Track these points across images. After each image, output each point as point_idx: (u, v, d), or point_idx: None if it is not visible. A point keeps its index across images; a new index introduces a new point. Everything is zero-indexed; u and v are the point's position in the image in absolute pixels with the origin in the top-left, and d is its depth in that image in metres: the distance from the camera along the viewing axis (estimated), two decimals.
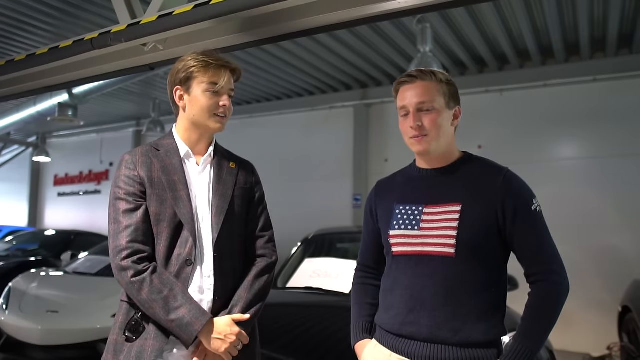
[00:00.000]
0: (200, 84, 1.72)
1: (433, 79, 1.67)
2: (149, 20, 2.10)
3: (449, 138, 1.69)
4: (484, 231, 1.58)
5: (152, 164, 1.71)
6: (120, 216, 1.65)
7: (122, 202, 1.66)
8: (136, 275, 1.59)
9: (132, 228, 1.64)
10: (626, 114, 6.49)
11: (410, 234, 1.63)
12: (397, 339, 1.63)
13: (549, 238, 1.61)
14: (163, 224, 1.66)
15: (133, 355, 1.59)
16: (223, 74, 1.73)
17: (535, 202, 1.62)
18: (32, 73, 2.80)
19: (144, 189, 1.68)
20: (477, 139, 7.08)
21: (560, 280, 1.56)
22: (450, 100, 1.68)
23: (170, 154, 1.74)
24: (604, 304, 6.03)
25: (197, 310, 1.59)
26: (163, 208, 1.66)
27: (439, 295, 1.57)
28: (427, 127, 1.62)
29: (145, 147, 1.77)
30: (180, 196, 1.67)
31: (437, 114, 1.64)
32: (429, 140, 1.63)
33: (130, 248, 1.61)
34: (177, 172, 1.71)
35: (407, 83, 1.69)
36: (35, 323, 4.63)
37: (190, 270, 1.64)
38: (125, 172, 1.69)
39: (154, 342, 1.60)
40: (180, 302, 1.58)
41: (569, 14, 5.55)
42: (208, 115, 1.72)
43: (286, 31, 2.11)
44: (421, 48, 5.36)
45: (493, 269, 1.62)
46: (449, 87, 1.68)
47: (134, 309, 1.65)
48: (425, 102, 1.64)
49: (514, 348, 1.52)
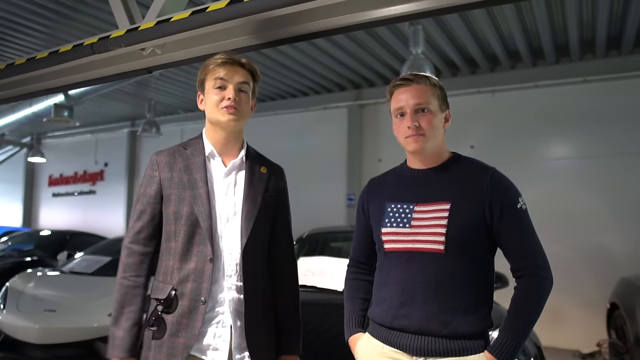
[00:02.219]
0: (210, 83, 1.81)
1: (427, 83, 1.75)
2: (148, 26, 2.16)
3: (441, 139, 1.76)
4: (472, 228, 1.65)
5: (175, 163, 1.78)
6: (133, 215, 1.78)
7: (138, 203, 1.78)
8: (122, 279, 1.72)
9: (137, 229, 1.76)
10: (615, 114, 6.59)
11: (401, 231, 1.70)
12: (390, 332, 1.70)
13: (533, 235, 1.68)
14: (180, 222, 1.72)
15: (164, 351, 1.67)
16: (228, 69, 1.79)
17: (521, 201, 1.69)
18: (31, 76, 2.84)
19: (161, 190, 1.76)
20: (469, 139, 7.16)
21: (544, 275, 1.64)
22: (442, 103, 1.76)
23: (195, 153, 1.81)
24: (594, 301, 6.11)
25: (126, 344, 1.67)
26: (181, 206, 1.72)
27: (430, 289, 1.64)
28: (424, 127, 1.70)
29: (175, 147, 1.85)
30: (199, 194, 1.73)
31: (432, 115, 1.72)
32: (425, 139, 1.71)
33: (128, 249, 1.74)
34: (198, 170, 1.77)
35: (402, 86, 1.76)
36: (33, 322, 4.66)
37: (212, 267, 1.70)
38: (148, 172, 1.80)
39: (184, 339, 1.66)
40: (124, 327, 1.67)
41: (558, 16, 5.64)
42: (217, 109, 1.78)
43: (282, 36, 2.16)
44: (413, 50, 5.43)
45: (481, 264, 1.69)
46: (441, 91, 1.77)
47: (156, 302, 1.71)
48: (422, 103, 1.72)
49: (500, 339, 1.60)
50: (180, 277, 1.70)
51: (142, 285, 1.72)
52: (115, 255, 6.26)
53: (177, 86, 8.61)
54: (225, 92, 1.77)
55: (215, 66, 1.80)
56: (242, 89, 1.81)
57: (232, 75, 1.78)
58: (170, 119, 10.71)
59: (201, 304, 1.67)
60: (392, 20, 2.06)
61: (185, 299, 1.68)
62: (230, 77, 1.78)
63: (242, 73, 1.81)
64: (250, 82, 1.84)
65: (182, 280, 1.70)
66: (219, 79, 1.78)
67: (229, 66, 1.79)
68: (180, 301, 1.68)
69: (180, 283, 1.70)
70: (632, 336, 4.03)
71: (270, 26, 2.10)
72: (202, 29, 2.09)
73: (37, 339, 4.58)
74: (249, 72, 1.84)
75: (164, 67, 2.55)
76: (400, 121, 1.75)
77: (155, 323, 1.67)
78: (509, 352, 1.59)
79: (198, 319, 1.67)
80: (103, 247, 6.85)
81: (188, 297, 1.68)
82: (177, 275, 1.71)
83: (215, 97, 1.78)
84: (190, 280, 1.69)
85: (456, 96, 7.23)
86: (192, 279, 1.69)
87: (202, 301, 1.67)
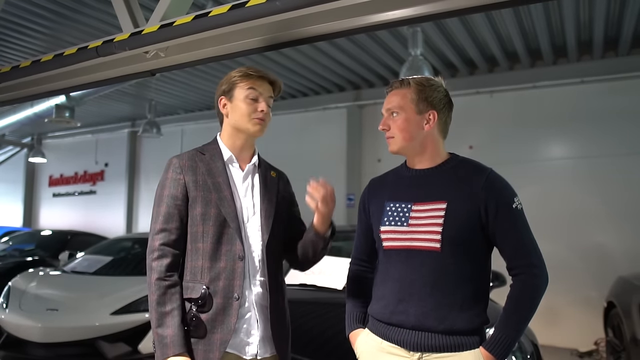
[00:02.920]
0: (241, 92, 1.88)
1: (404, 87, 1.81)
2: (151, 30, 2.20)
3: (424, 140, 1.80)
4: (468, 227, 1.69)
5: (197, 167, 1.84)
6: (160, 217, 1.79)
7: (164, 205, 1.79)
8: (158, 280, 1.72)
9: (167, 232, 1.77)
10: (613, 114, 6.63)
11: (399, 229, 1.75)
12: (388, 327, 1.74)
13: (529, 234, 1.72)
14: (209, 223, 1.78)
15: (201, 348, 1.72)
16: (261, 83, 1.90)
17: (516, 201, 1.73)
18: (36, 79, 2.87)
19: (187, 192, 1.81)
20: (468, 139, 7.20)
21: (539, 273, 1.68)
22: (421, 104, 1.79)
23: (214, 158, 1.88)
24: (591, 300, 6.16)
25: (178, 340, 1.68)
26: (208, 208, 1.78)
27: (426, 286, 1.68)
28: (392, 130, 1.80)
29: (192, 152, 1.90)
30: (224, 196, 1.80)
31: (402, 118, 1.78)
32: (395, 142, 1.80)
33: (161, 251, 1.75)
34: (221, 175, 1.84)
35: (388, 92, 1.86)
36: (35, 321, 4.70)
37: (243, 265, 1.77)
38: (172, 175, 1.82)
39: (220, 335, 1.72)
40: (172, 324, 1.68)
41: (556, 18, 5.69)
42: (248, 119, 1.87)
43: (283, 40, 2.20)
44: (412, 51, 5.47)
45: (476, 262, 1.73)
46: (419, 94, 1.79)
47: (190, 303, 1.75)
48: (391, 108, 1.81)
49: (495, 336, 1.64)
50: (212, 276, 1.75)
51: (178, 284, 1.75)
52: (117, 255, 6.33)
53: (178, 87, 8.64)
54: (258, 104, 1.88)
55: (246, 77, 1.89)
56: (269, 103, 1.93)
57: (264, 89, 1.90)
58: (170, 119, 10.74)
59: (235, 301, 1.74)
60: (391, 24, 2.09)
61: (219, 296, 1.74)
62: (264, 90, 1.90)
63: (270, 88, 1.94)
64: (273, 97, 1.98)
65: (213, 278, 1.75)
66: (254, 91, 1.88)
67: (263, 81, 1.91)
68: (214, 299, 1.74)
69: (211, 281, 1.75)
70: (628, 334, 4.06)
71: (271, 30, 2.14)
72: (205, 32, 2.13)
73: (40, 338, 4.62)
74: (275, 88, 1.97)
75: (167, 70, 2.58)
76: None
77: (192, 322, 1.72)
78: (504, 348, 1.63)
79: (233, 315, 1.73)
80: (104, 247, 6.88)
81: (221, 295, 1.74)
82: (207, 275, 1.76)
83: (247, 107, 1.87)
84: (221, 278, 1.75)
85: (455, 97, 7.17)
86: (223, 277, 1.75)
87: (235, 297, 1.74)
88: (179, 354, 1.66)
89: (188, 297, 1.75)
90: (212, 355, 1.71)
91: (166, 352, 1.66)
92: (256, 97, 1.88)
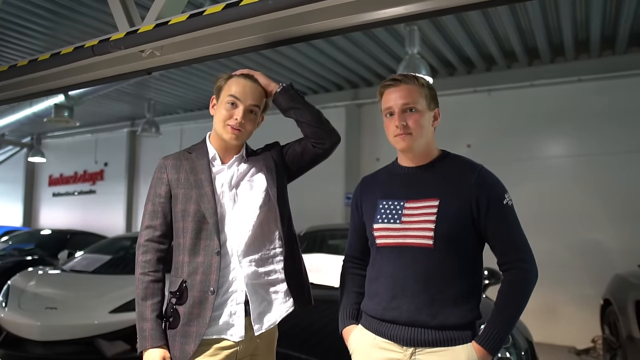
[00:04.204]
0: (224, 95, 1.88)
1: (415, 83, 1.81)
2: (147, 29, 2.21)
3: (429, 137, 1.82)
4: (460, 224, 1.71)
5: (181, 165, 1.89)
6: (146, 215, 1.88)
7: (149, 204, 1.88)
8: (141, 275, 1.81)
9: (151, 228, 1.85)
10: (610, 113, 6.64)
11: (392, 227, 1.76)
12: (381, 323, 1.76)
13: (519, 230, 1.75)
14: (188, 219, 1.83)
15: (178, 340, 1.78)
16: (244, 87, 1.87)
17: (507, 197, 1.75)
18: (33, 77, 2.89)
19: (170, 190, 1.86)
20: (466, 138, 7.22)
21: (529, 268, 1.70)
22: (431, 102, 1.82)
23: (199, 156, 1.91)
24: (589, 297, 6.15)
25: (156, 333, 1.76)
26: (188, 205, 1.83)
27: (419, 283, 1.70)
28: (411, 127, 1.77)
29: (180, 152, 1.96)
30: (205, 192, 1.83)
31: (419, 114, 1.78)
32: (412, 138, 1.78)
33: (145, 246, 1.84)
34: (203, 172, 1.87)
35: (391, 86, 1.83)
36: (34, 319, 4.73)
37: (220, 259, 1.80)
38: (157, 175, 1.90)
39: (196, 327, 1.77)
40: (151, 317, 1.77)
41: (553, 17, 5.70)
42: (222, 124, 1.86)
43: (279, 38, 2.21)
44: (409, 50, 5.49)
45: (468, 258, 1.76)
46: (429, 91, 1.82)
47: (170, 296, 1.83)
48: (409, 103, 1.78)
49: (487, 330, 1.67)
50: (190, 270, 1.81)
51: (160, 280, 1.83)
52: (115, 254, 6.35)
53: (177, 86, 8.65)
54: (235, 111, 1.85)
55: (232, 80, 1.89)
56: (252, 110, 1.89)
57: (245, 97, 1.86)
58: (169, 118, 10.74)
59: (210, 294, 1.77)
60: (387, 22, 2.10)
61: (195, 290, 1.78)
62: (244, 98, 1.86)
63: (257, 95, 1.91)
64: (261, 103, 1.94)
65: (191, 273, 1.81)
66: (232, 96, 1.86)
67: (246, 85, 1.89)
68: (190, 292, 1.79)
69: (189, 276, 1.81)
70: (624, 332, 4.08)
71: (266, 28, 2.15)
72: (200, 31, 2.15)
73: (39, 336, 4.65)
74: (263, 91, 1.94)
75: (163, 69, 2.60)
76: (389, 120, 1.81)
77: (170, 314, 1.79)
78: (496, 342, 1.65)
79: (208, 309, 1.76)
80: (103, 246, 6.90)
81: (197, 288, 1.78)
82: (186, 269, 1.81)
83: (224, 113, 1.86)
84: (199, 272, 1.79)
85: (453, 96, 7.30)
86: (200, 271, 1.79)
87: (211, 291, 1.77)
88: (157, 346, 1.74)
89: (169, 290, 1.83)
90: (188, 347, 1.76)
91: (144, 344, 1.75)
92: (235, 103, 1.86)
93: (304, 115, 1.97)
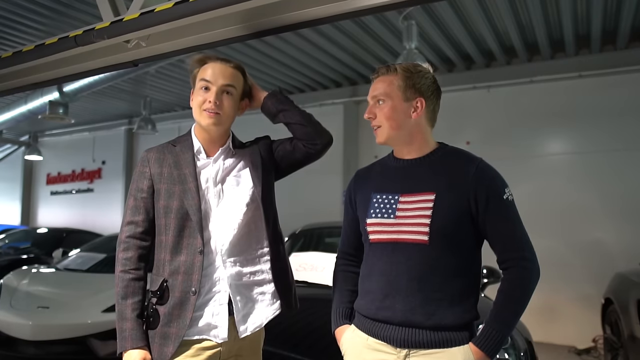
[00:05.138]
0: (197, 82, 1.81)
1: (390, 73, 1.73)
2: (132, 17, 2.15)
3: (412, 129, 1.73)
4: (457, 219, 1.62)
5: (164, 159, 1.80)
6: (128, 210, 1.79)
7: (131, 198, 1.80)
8: (122, 272, 1.72)
9: (133, 224, 1.76)
10: (611, 109, 6.57)
11: (386, 222, 1.68)
12: (374, 323, 1.68)
13: (520, 226, 1.66)
14: (170, 215, 1.74)
15: (157, 341, 1.70)
16: (213, 70, 1.79)
17: (507, 191, 1.66)
18: (19, 70, 2.83)
19: (152, 184, 1.78)
20: (465, 135, 7.16)
21: (531, 266, 1.61)
22: (408, 91, 1.71)
23: (184, 149, 1.83)
24: (589, 297, 6.10)
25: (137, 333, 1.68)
26: (171, 201, 1.75)
27: (413, 281, 1.62)
28: (378, 119, 1.72)
29: (164, 144, 1.87)
30: (189, 188, 1.75)
31: (388, 106, 1.70)
32: (382, 131, 1.73)
33: (126, 243, 1.75)
34: (188, 166, 1.79)
35: (374, 78, 1.78)
36: (26, 319, 4.66)
37: (203, 258, 1.72)
38: (139, 169, 1.81)
39: (176, 329, 1.69)
40: (131, 317, 1.68)
41: (553, 11, 5.63)
42: (199, 111, 1.79)
43: (269, 26, 2.14)
44: (407, 45, 5.41)
45: (466, 255, 1.67)
46: (406, 80, 1.71)
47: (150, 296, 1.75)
48: (377, 95, 1.73)
49: (485, 331, 1.58)
50: (171, 270, 1.73)
51: (142, 278, 1.75)
52: (111, 253, 6.28)
53: (174, 83, 8.60)
54: (208, 94, 1.78)
55: (200, 66, 1.81)
56: (227, 90, 1.80)
57: (217, 78, 1.78)
58: (167, 116, 10.70)
59: (192, 295, 1.70)
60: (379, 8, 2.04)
61: (176, 290, 1.71)
62: (215, 79, 1.78)
63: (228, 74, 1.80)
64: (237, 83, 1.83)
65: (172, 272, 1.73)
66: (203, 80, 1.78)
67: (216, 67, 1.80)
68: (171, 293, 1.71)
69: (170, 275, 1.73)
70: (625, 331, 4.03)
71: (255, 16, 2.08)
72: (187, 19, 2.07)
73: (30, 336, 4.58)
74: (238, 73, 1.84)
75: (150, 60, 2.54)
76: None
77: (150, 314, 1.72)
78: (494, 344, 1.57)
79: (189, 310, 1.69)
80: (98, 244, 6.85)
81: (179, 289, 1.71)
82: (167, 268, 1.73)
83: (199, 98, 1.79)
84: (180, 272, 1.72)
85: (452, 92, 7.23)
86: (182, 270, 1.72)
87: (192, 292, 1.70)
88: (137, 347, 1.66)
89: (149, 289, 1.75)
90: (166, 349, 1.68)
91: (124, 345, 1.66)
92: (207, 86, 1.78)
93: (294, 116, 1.92)
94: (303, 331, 2.90)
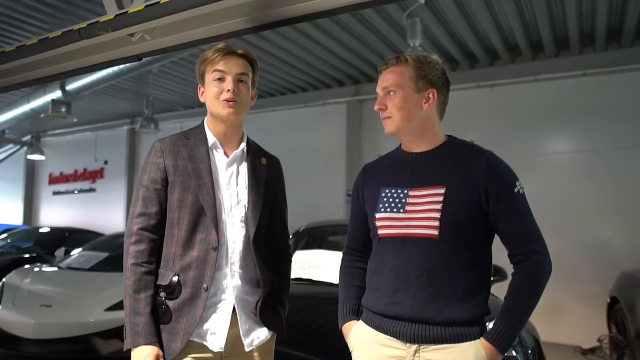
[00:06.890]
0: (209, 75, 1.79)
1: (401, 64, 1.71)
2: (136, 9, 2.12)
3: (423, 120, 1.70)
4: (468, 213, 1.60)
5: (179, 152, 1.77)
6: (139, 202, 1.73)
7: (143, 189, 1.74)
8: (134, 265, 1.67)
9: (146, 216, 1.71)
10: (616, 107, 6.54)
11: (395, 216, 1.65)
12: (383, 319, 1.65)
13: (531, 219, 1.63)
14: (185, 210, 1.71)
15: (165, 336, 1.66)
16: (227, 60, 1.78)
17: (518, 185, 1.64)
18: (22, 64, 2.80)
19: (166, 177, 1.74)
20: (469, 133, 7.07)
21: (542, 260, 1.59)
22: (419, 82, 1.69)
23: (198, 143, 1.80)
24: (595, 296, 6.08)
25: (150, 328, 1.63)
26: (185, 195, 1.72)
27: (423, 276, 1.59)
28: (389, 110, 1.69)
29: (176, 136, 1.83)
30: (204, 183, 1.73)
31: (399, 97, 1.68)
32: (392, 121, 1.69)
33: (139, 235, 1.70)
34: (203, 161, 1.76)
35: (383, 70, 1.75)
36: (29, 317, 4.66)
37: (216, 255, 1.69)
38: (153, 159, 1.77)
39: (185, 325, 1.66)
40: (145, 312, 1.64)
41: (558, 9, 5.61)
42: (217, 102, 1.77)
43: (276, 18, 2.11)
44: (411, 42, 5.39)
45: (476, 250, 1.64)
46: (418, 71, 1.70)
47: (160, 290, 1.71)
48: (388, 86, 1.70)
49: (497, 326, 1.55)
50: (183, 265, 1.69)
51: (153, 272, 1.70)
52: (113, 252, 6.27)
53: (177, 82, 8.59)
54: (224, 84, 1.77)
55: (213, 57, 1.79)
56: (242, 79, 1.80)
57: (230, 67, 1.78)
58: (170, 115, 10.70)
59: (203, 291, 1.67)
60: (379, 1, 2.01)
61: (188, 286, 1.68)
62: (229, 68, 1.77)
63: (241, 63, 1.80)
64: (249, 72, 1.83)
65: (184, 267, 1.69)
66: (218, 71, 1.77)
67: (227, 57, 1.79)
68: (183, 288, 1.68)
69: (182, 270, 1.69)
70: (632, 330, 3.99)
71: (261, 8, 2.05)
72: (191, 11, 2.04)
73: (33, 334, 4.57)
74: (247, 62, 1.84)
75: (154, 54, 2.50)
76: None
77: (160, 309, 1.68)
78: (506, 339, 1.54)
79: (200, 306, 1.66)
80: (100, 243, 6.85)
81: (190, 284, 1.68)
82: (179, 262, 1.70)
83: (214, 90, 1.77)
84: (192, 267, 1.69)
85: (456, 91, 7.16)
86: (194, 266, 1.69)
87: (204, 288, 1.67)
88: (150, 343, 1.62)
89: (158, 284, 1.70)
90: (174, 345, 1.65)
91: (137, 340, 1.61)
92: (222, 77, 1.78)
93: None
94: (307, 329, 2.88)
